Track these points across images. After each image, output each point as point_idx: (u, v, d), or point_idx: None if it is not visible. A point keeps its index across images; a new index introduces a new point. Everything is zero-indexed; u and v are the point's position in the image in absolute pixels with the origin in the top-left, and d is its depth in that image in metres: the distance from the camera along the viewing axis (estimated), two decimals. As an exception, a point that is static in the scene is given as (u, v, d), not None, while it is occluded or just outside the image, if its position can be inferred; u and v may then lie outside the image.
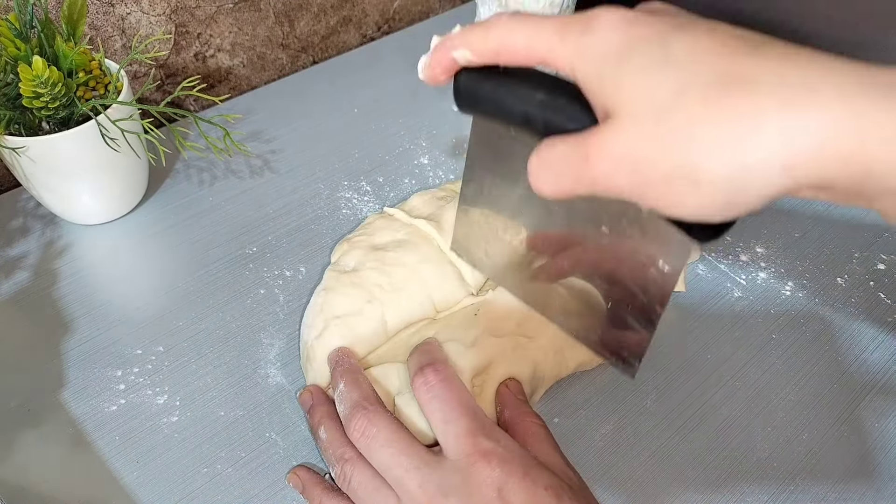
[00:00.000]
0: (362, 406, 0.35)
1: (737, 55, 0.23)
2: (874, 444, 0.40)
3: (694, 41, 0.24)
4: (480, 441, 0.32)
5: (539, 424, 0.36)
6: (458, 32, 0.30)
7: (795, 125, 0.22)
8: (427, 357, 0.36)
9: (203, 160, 0.56)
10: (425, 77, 0.31)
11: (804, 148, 0.22)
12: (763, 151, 0.22)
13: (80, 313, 0.46)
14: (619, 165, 0.25)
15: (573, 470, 0.34)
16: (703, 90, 0.23)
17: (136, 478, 0.38)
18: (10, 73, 0.43)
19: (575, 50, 0.26)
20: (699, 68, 0.24)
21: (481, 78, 0.30)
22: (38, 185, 0.47)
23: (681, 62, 0.24)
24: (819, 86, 0.22)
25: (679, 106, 0.23)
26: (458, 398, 0.34)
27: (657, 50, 0.25)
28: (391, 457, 0.33)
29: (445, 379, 0.35)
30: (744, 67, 0.23)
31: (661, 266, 0.30)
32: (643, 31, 0.25)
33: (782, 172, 0.22)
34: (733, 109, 0.23)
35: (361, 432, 0.34)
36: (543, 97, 0.28)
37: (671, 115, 0.24)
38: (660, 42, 0.25)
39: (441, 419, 0.33)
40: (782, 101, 0.22)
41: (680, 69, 0.24)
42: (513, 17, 0.28)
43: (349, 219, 0.52)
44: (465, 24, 0.31)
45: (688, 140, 0.23)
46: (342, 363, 0.39)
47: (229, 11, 0.61)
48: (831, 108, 0.21)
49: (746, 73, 0.23)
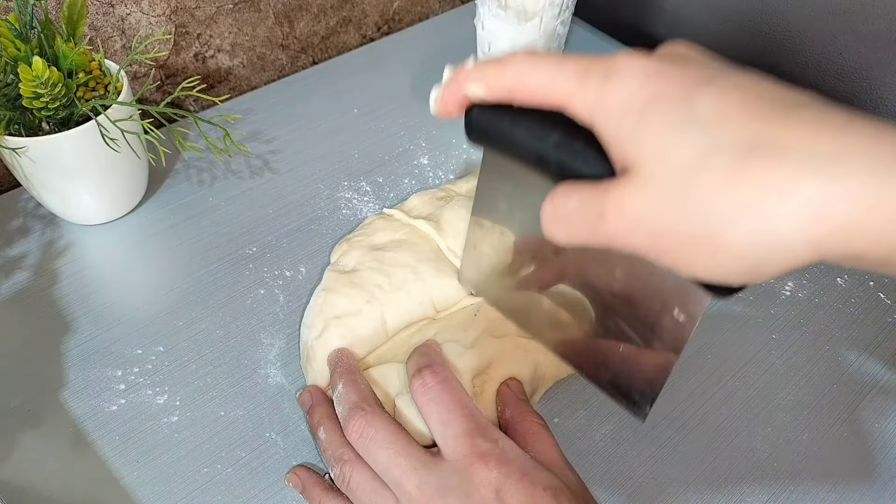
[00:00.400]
0: (360, 407, 0.35)
1: (768, 119, 0.22)
2: (874, 444, 0.40)
3: (721, 99, 0.23)
4: (478, 442, 0.32)
5: (540, 424, 0.36)
6: (473, 67, 0.29)
7: (824, 200, 0.21)
8: (425, 359, 0.36)
9: (203, 160, 0.56)
10: (437, 111, 0.31)
11: (832, 223, 0.21)
12: (789, 225, 0.21)
13: (80, 313, 0.46)
14: (637, 226, 0.24)
15: (573, 471, 0.34)
16: (729, 155, 0.22)
17: (136, 478, 0.38)
18: (10, 74, 0.43)
19: (595, 99, 0.25)
20: (726, 131, 0.22)
21: (494, 114, 0.29)
22: (38, 185, 0.47)
23: (706, 123, 0.23)
24: (851, 158, 0.21)
25: (703, 170, 0.22)
26: (455, 400, 0.34)
27: (682, 108, 0.23)
28: (389, 458, 0.33)
29: (443, 381, 0.35)
30: (774, 132, 0.22)
31: (677, 315, 0.29)
32: (667, 85, 0.24)
33: (807, 247, 0.22)
34: (760, 179, 0.21)
35: (360, 433, 0.34)
36: (559, 139, 0.27)
37: (694, 180, 0.22)
38: (684, 99, 0.24)
39: (438, 421, 0.33)
40: (811, 174, 0.21)
41: (705, 131, 0.23)
42: (529, 57, 0.27)
43: (349, 219, 0.52)
44: (475, 56, 0.30)
45: (710, 207, 0.22)
46: (341, 364, 0.39)
47: (229, 12, 0.61)
48: (863, 184, 0.20)
49: (776, 140, 0.22)
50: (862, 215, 0.21)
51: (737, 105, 0.23)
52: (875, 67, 0.56)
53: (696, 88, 0.24)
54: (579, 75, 0.26)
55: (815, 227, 0.21)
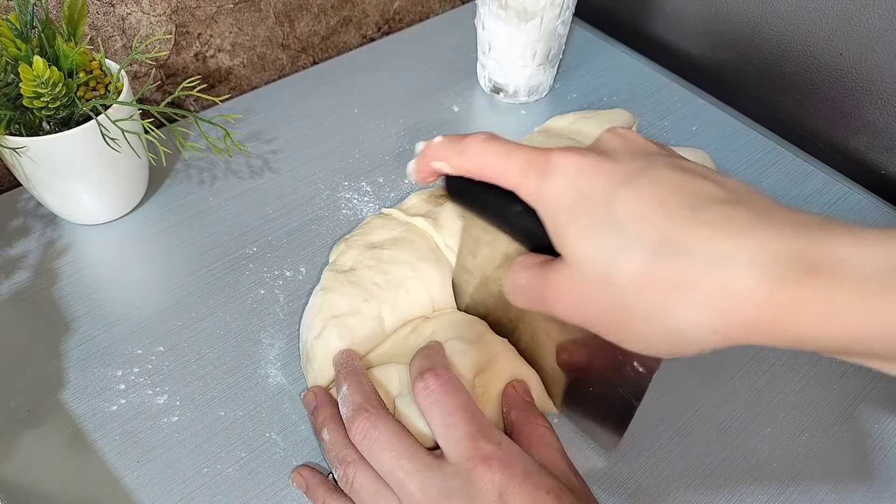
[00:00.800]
0: (364, 409, 0.35)
1: (676, 220, 0.25)
2: (874, 444, 0.40)
3: (637, 199, 0.26)
4: (481, 444, 0.32)
5: (545, 427, 0.36)
6: (438, 145, 0.32)
7: (725, 299, 0.23)
8: (427, 362, 0.36)
9: (203, 160, 0.56)
10: (415, 180, 0.34)
11: (734, 320, 0.23)
12: (694, 321, 0.24)
13: (80, 313, 0.46)
14: (574, 309, 0.28)
15: (577, 475, 0.34)
16: (640, 255, 0.25)
17: (136, 478, 0.38)
18: (10, 74, 0.43)
19: (535, 193, 0.29)
20: (638, 232, 0.25)
21: (466, 181, 0.32)
22: (38, 185, 0.47)
23: (621, 225, 0.25)
24: (749, 259, 0.23)
25: (619, 268, 0.25)
26: (457, 402, 0.34)
27: (602, 210, 0.26)
28: (392, 460, 0.33)
29: (445, 383, 0.35)
30: (680, 234, 0.24)
31: (637, 366, 0.32)
32: (592, 185, 0.27)
33: (717, 338, 0.24)
34: (666, 279, 0.24)
35: (363, 435, 0.34)
36: (521, 209, 0.30)
37: (613, 276, 0.25)
38: (605, 201, 0.26)
39: (441, 423, 0.33)
40: (711, 275, 0.23)
41: (620, 233, 0.25)
42: (485, 144, 0.30)
43: (349, 219, 0.52)
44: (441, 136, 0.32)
45: (628, 302, 0.25)
46: (346, 365, 0.39)
47: (229, 12, 0.61)
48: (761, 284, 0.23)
49: (681, 242, 0.24)
50: (764, 313, 0.23)
51: (651, 205, 0.25)
52: (875, 67, 0.56)
53: (617, 188, 0.26)
54: (523, 169, 0.29)
55: (720, 323, 0.24)
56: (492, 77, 0.61)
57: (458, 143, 0.31)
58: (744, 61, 0.65)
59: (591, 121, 0.54)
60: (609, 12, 0.75)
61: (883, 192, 0.55)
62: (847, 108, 0.59)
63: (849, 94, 0.59)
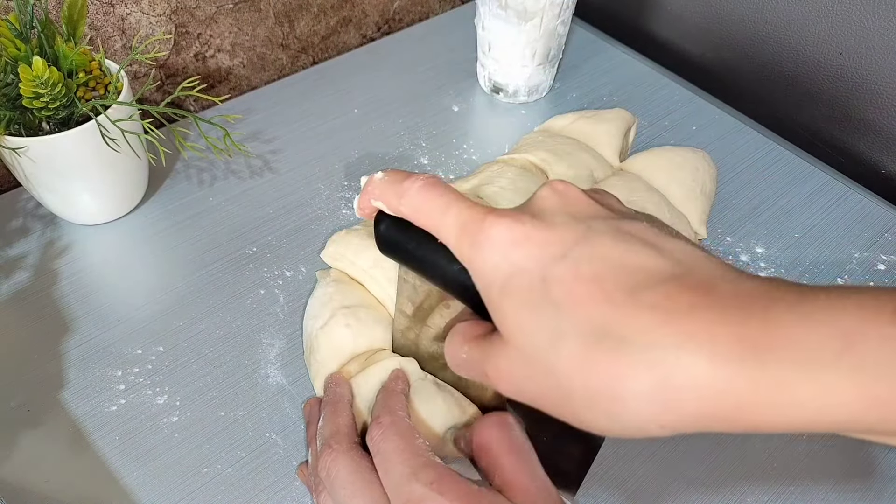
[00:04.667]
0: (329, 445, 0.35)
1: (614, 304, 0.23)
2: (874, 444, 0.40)
3: (573, 279, 0.24)
4: (413, 488, 0.31)
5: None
6: (378, 182, 0.31)
7: (667, 392, 0.22)
8: (377, 408, 0.36)
9: (203, 160, 0.56)
10: (358, 215, 0.33)
11: (679, 412, 0.22)
12: (636, 413, 0.23)
13: (80, 313, 0.46)
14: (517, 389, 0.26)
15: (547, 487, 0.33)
16: (578, 342, 0.23)
17: (136, 478, 0.38)
18: (10, 74, 0.43)
19: (468, 260, 0.27)
20: (574, 318, 0.24)
21: (402, 230, 0.30)
22: (38, 185, 0.47)
23: (558, 306, 0.24)
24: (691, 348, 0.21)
25: (559, 354, 0.24)
26: (394, 446, 0.33)
27: (538, 287, 0.25)
28: (346, 498, 0.33)
29: (386, 429, 0.34)
30: (618, 320, 0.23)
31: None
32: (527, 260, 0.25)
33: (662, 429, 0.23)
34: (605, 369, 0.23)
35: (326, 471, 0.34)
36: (461, 267, 0.28)
37: (552, 361, 0.24)
38: (541, 278, 0.25)
39: (383, 473, 0.33)
40: (652, 367, 0.22)
41: (557, 316, 0.24)
42: (422, 192, 0.29)
43: (349, 219, 0.52)
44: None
45: (570, 387, 0.24)
46: (330, 392, 0.39)
47: (229, 12, 0.61)
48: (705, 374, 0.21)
49: (619, 330, 0.23)
50: (711, 404, 0.21)
51: (588, 288, 0.24)
52: (875, 67, 0.56)
53: (553, 264, 0.25)
54: (457, 231, 0.28)
55: (663, 415, 0.22)
56: (492, 77, 0.61)
57: (399, 184, 0.30)
58: (744, 61, 0.65)
59: (590, 120, 0.54)
60: (609, 12, 0.75)
61: (883, 192, 0.55)
62: (847, 108, 0.59)
63: (849, 94, 0.59)
